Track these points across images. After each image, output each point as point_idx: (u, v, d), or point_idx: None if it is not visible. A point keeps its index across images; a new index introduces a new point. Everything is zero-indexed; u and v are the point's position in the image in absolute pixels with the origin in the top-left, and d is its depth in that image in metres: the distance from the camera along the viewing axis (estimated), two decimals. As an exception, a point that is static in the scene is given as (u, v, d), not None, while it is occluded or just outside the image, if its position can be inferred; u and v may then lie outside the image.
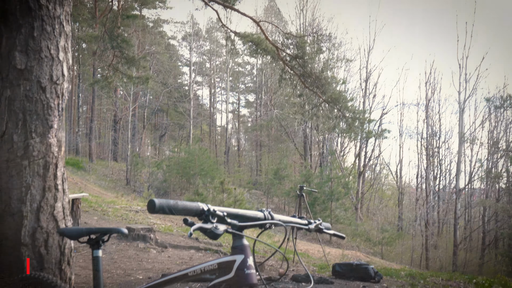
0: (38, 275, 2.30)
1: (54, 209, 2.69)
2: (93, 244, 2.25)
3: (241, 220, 1.66)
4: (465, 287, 7.52)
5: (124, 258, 8.27)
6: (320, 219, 2.02)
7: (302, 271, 8.36)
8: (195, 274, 1.75)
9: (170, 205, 1.47)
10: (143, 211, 16.05)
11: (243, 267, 1.60)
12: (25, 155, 2.60)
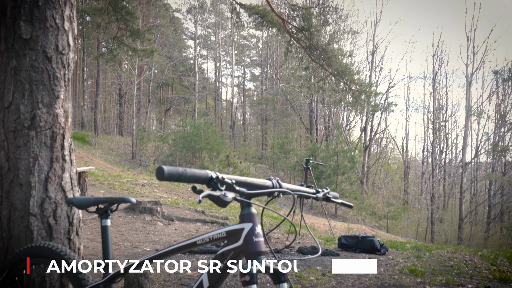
0: (47, 245, 2.32)
1: (62, 180, 2.69)
2: (101, 214, 2.26)
3: (249, 188, 1.66)
4: (470, 259, 7.56)
5: (131, 231, 8.34)
6: (328, 188, 2.01)
7: (308, 244, 8.41)
8: (203, 242, 1.76)
9: (179, 172, 1.46)
10: (149, 184, 16.14)
11: (251, 235, 1.60)
12: (32, 126, 2.60)
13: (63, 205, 2.68)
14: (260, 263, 1.56)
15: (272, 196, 1.73)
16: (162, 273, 5.48)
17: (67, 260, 2.21)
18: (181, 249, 1.81)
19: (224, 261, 1.65)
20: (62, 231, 2.68)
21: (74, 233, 2.73)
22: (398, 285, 5.46)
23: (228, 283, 5.27)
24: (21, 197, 2.59)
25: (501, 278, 6.08)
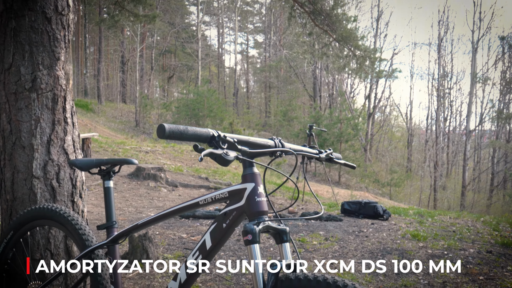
0: (51, 206, 2.32)
1: (64, 143, 2.68)
2: (104, 175, 2.25)
3: (252, 148, 1.65)
4: (473, 225, 7.60)
5: (135, 197, 8.39)
6: (331, 149, 2.00)
7: (311, 210, 8.46)
8: (206, 202, 1.76)
9: (180, 130, 1.45)
10: (153, 151, 16.18)
11: (253, 195, 1.60)
12: (33, 88, 2.58)
13: (66, 168, 2.68)
14: (263, 222, 1.56)
15: (274, 156, 1.72)
16: (167, 237, 5.53)
17: (71, 221, 2.21)
18: (184, 209, 1.81)
19: (226, 221, 1.65)
20: (66, 193, 2.68)
21: (77, 196, 2.74)
22: (400, 250, 5.50)
23: (232, 247, 5.32)
24: (24, 160, 2.59)
25: (503, 243, 6.12)
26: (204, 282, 4.15)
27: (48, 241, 2.58)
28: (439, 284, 4.41)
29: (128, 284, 3.98)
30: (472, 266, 5.01)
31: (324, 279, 1.37)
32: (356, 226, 6.87)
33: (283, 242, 1.59)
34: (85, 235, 2.16)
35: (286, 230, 1.59)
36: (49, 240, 2.58)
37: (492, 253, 5.61)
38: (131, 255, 4.46)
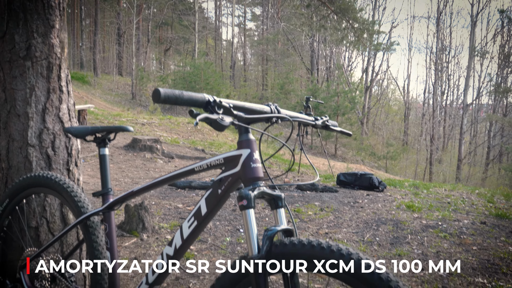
0: (46, 174, 2.32)
1: (59, 111, 2.67)
2: (99, 143, 2.25)
3: (247, 113, 1.64)
4: (468, 197, 7.65)
5: (132, 168, 8.41)
6: (327, 116, 1.99)
7: (307, 181, 8.50)
8: (201, 169, 1.75)
9: (175, 95, 1.43)
10: (149, 124, 16.15)
11: (249, 161, 1.59)
12: (28, 56, 2.55)
13: (62, 136, 2.67)
14: (258, 188, 1.56)
15: (270, 123, 1.71)
16: (162, 207, 5.56)
17: (67, 189, 2.21)
18: (180, 176, 1.81)
19: (221, 187, 1.65)
20: (61, 162, 2.68)
21: (73, 164, 2.74)
22: (395, 220, 5.54)
23: (228, 217, 5.36)
24: (19, 128, 2.58)
25: (497, 214, 6.18)
26: (199, 251, 4.19)
27: (44, 209, 2.58)
28: (433, 254, 4.46)
29: (124, 252, 4.02)
30: (466, 237, 5.06)
31: (319, 243, 1.37)
32: (352, 197, 6.91)
33: (278, 208, 1.59)
34: (80, 202, 2.16)
35: (281, 196, 1.60)
36: (45, 207, 2.58)
37: (486, 224, 5.67)
38: (127, 224, 4.49)
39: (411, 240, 4.84)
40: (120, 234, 4.41)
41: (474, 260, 4.37)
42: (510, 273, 4.11)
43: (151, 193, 6.25)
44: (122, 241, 4.29)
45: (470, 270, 4.13)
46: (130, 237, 4.37)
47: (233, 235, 4.71)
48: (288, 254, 1.44)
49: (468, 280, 3.89)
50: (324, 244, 1.37)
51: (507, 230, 5.50)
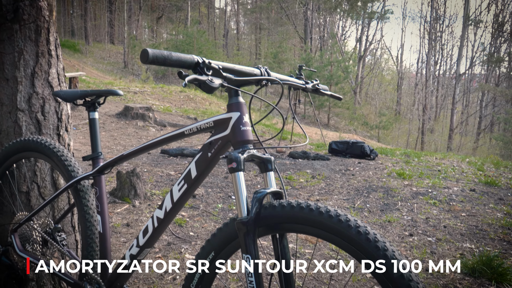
0: (36, 138, 2.31)
1: (48, 75, 2.64)
2: (89, 107, 2.23)
3: (237, 76, 1.63)
4: (458, 165, 7.71)
5: (124, 135, 8.38)
6: (318, 80, 1.98)
7: (299, 149, 8.52)
8: (191, 132, 1.75)
9: (164, 56, 1.42)
10: (142, 92, 16.05)
11: (238, 124, 1.58)
12: (16, 19, 2.50)
13: (51, 101, 2.65)
14: (247, 151, 1.56)
15: (260, 85, 1.70)
16: (155, 175, 5.57)
17: (57, 153, 2.21)
18: (170, 139, 1.81)
19: (211, 150, 1.65)
20: (51, 126, 2.66)
21: (63, 129, 2.72)
22: (385, 187, 5.59)
23: (219, 184, 5.38)
24: (8, 92, 2.55)
25: (486, 182, 6.24)
26: (191, 217, 4.22)
27: (35, 174, 2.58)
28: (422, 220, 4.52)
29: (117, 218, 4.04)
30: (455, 204, 5.12)
31: (307, 205, 1.38)
32: (343, 165, 6.95)
33: (268, 171, 1.59)
34: (70, 166, 2.16)
35: (271, 159, 1.60)
36: (35, 172, 2.58)
37: (475, 191, 5.73)
38: (119, 191, 4.50)
39: (401, 207, 4.89)
40: (112, 201, 4.42)
41: (463, 226, 4.44)
42: (498, 239, 4.17)
43: (143, 161, 6.25)
44: (114, 207, 4.31)
45: (459, 236, 4.19)
46: (122, 204, 4.39)
47: (225, 201, 4.74)
48: (277, 216, 1.45)
49: (456, 246, 3.95)
50: (313, 206, 1.38)
51: (496, 197, 5.57)
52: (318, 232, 1.37)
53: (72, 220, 2.70)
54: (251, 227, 1.45)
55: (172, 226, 3.96)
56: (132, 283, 2.93)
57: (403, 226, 4.33)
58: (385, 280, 1.23)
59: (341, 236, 1.31)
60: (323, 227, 1.35)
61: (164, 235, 3.76)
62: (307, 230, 1.40)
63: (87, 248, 2.06)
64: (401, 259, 1.23)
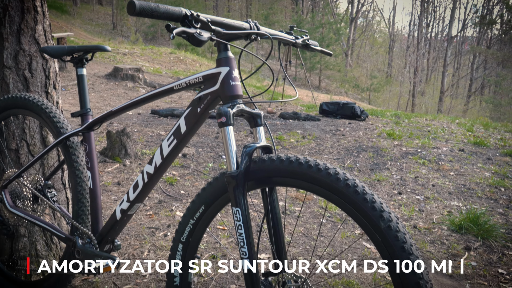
0: (24, 95, 2.29)
1: (35, 32, 2.60)
2: (76, 63, 2.20)
3: (226, 30, 1.61)
4: (448, 126, 7.76)
5: (113, 96, 8.32)
6: (307, 35, 1.96)
7: (289, 110, 8.52)
8: (180, 87, 1.73)
9: (151, 8, 1.39)
10: (131, 54, 15.87)
11: (228, 79, 1.57)
12: (-1, -27, 2.45)
13: (38, 58, 2.62)
14: (237, 106, 1.55)
15: (250, 40, 1.68)
16: (145, 134, 5.56)
17: (45, 109, 2.19)
18: (159, 95, 1.79)
19: (201, 106, 1.64)
20: (39, 84, 2.63)
21: (51, 87, 2.70)
22: (375, 147, 5.62)
23: (210, 143, 5.38)
24: (-6, 49, 2.51)
25: (475, 142, 6.29)
26: (182, 176, 4.24)
27: (23, 131, 2.56)
28: (411, 179, 4.57)
29: (107, 177, 4.05)
30: (444, 163, 5.17)
31: (297, 159, 1.39)
32: (334, 125, 6.97)
33: (257, 126, 1.59)
34: (59, 123, 2.15)
35: (261, 114, 1.59)
36: (24, 130, 2.56)
37: (464, 151, 5.78)
38: (110, 150, 4.49)
39: (390, 166, 4.93)
40: (102, 160, 4.43)
41: (451, 185, 4.49)
42: (485, 197, 4.24)
43: (134, 121, 6.23)
44: (105, 166, 4.31)
45: (447, 194, 4.25)
46: (112, 163, 4.39)
47: (215, 161, 4.76)
48: (267, 169, 1.45)
49: (444, 204, 4.00)
50: (302, 160, 1.38)
51: (484, 157, 5.63)
52: (307, 186, 1.38)
53: (63, 178, 2.70)
54: (240, 181, 1.46)
55: (163, 184, 3.98)
56: (124, 239, 2.96)
57: (392, 185, 4.38)
58: (373, 232, 1.24)
59: (330, 189, 1.32)
60: (312, 180, 1.36)
61: (155, 194, 3.78)
62: (296, 183, 1.41)
63: (78, 203, 2.07)
64: (389, 211, 1.24)
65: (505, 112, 27.91)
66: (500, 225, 3.50)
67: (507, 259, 3.02)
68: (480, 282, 2.68)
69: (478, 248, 3.16)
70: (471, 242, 3.22)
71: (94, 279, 2.49)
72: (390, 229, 1.21)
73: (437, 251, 3.07)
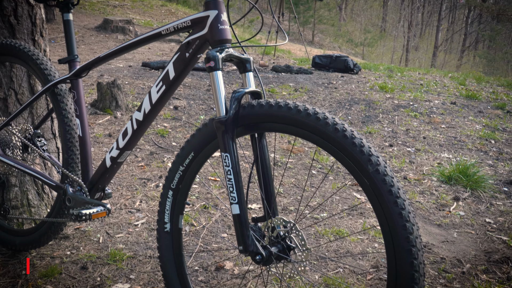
0: (10, 42, 2.24)
1: (19, -22, 2.53)
2: (62, 7, 2.14)
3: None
4: (441, 80, 7.73)
5: (104, 49, 8.21)
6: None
7: (282, 64, 8.45)
8: (168, 32, 1.70)
9: None
10: (122, 6, 15.55)
11: (216, 23, 1.54)
12: None
13: (24, 5, 2.56)
14: (226, 50, 1.53)
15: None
16: (136, 87, 5.52)
17: (32, 56, 2.15)
18: (147, 40, 1.76)
19: (189, 50, 1.61)
20: (25, 31, 2.58)
21: (38, 34, 2.64)
22: (367, 100, 5.62)
23: (202, 96, 5.35)
24: (-23, -5, 2.45)
25: (467, 95, 6.29)
26: (174, 128, 4.23)
27: (11, 80, 2.53)
28: (402, 131, 4.58)
29: (98, 129, 4.03)
30: (435, 116, 5.18)
31: (286, 104, 1.38)
32: (326, 78, 6.93)
33: (246, 71, 1.57)
34: (47, 70, 2.11)
35: (250, 59, 1.57)
36: (12, 78, 2.53)
37: (456, 104, 5.79)
38: (100, 102, 4.46)
39: (382, 119, 4.94)
40: (93, 112, 4.40)
41: (442, 137, 4.51)
42: (475, 149, 4.27)
43: (124, 74, 6.17)
44: (96, 118, 4.29)
45: (437, 146, 4.27)
46: (103, 115, 4.36)
47: (207, 113, 4.75)
48: (256, 115, 1.44)
49: (434, 156, 4.03)
50: (291, 105, 1.38)
51: (476, 110, 5.64)
52: (297, 131, 1.37)
53: (53, 128, 2.68)
54: (229, 126, 1.45)
55: (154, 136, 3.97)
56: (116, 190, 2.98)
57: (383, 137, 4.39)
58: (361, 176, 1.25)
59: (319, 134, 1.31)
60: (301, 125, 1.35)
61: (146, 145, 3.78)
62: (285, 128, 1.41)
63: (68, 151, 2.06)
64: (377, 155, 1.24)
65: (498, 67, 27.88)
66: (489, 176, 3.54)
67: (494, 209, 3.07)
68: (467, 231, 2.72)
69: (467, 198, 3.20)
70: (460, 193, 3.26)
71: (86, 228, 2.51)
72: (378, 172, 1.22)
73: (426, 201, 3.11)
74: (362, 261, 2.32)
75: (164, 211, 1.73)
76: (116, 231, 2.50)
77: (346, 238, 2.53)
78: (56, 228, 2.20)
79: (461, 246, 2.52)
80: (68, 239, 2.41)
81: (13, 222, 2.49)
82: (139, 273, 2.12)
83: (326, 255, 2.36)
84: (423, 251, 1.22)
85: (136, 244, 2.38)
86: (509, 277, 2.24)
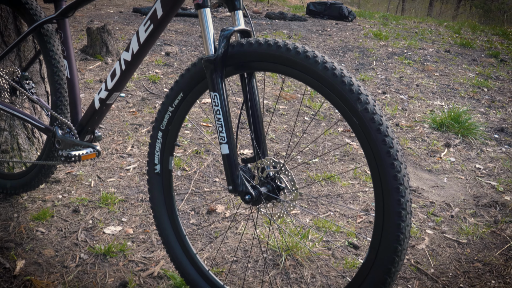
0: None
1: None
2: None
3: None
4: (436, 28, 7.65)
5: (94, -5, 8.04)
6: None
7: (276, 11, 8.31)
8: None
9: None
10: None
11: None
12: None
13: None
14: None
15: None
16: (127, 33, 5.43)
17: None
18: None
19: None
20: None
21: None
22: (361, 48, 5.56)
23: (194, 42, 5.28)
24: None
25: (462, 43, 6.24)
26: (165, 74, 4.19)
27: (-3, 22, 2.48)
28: (396, 79, 4.56)
29: (89, 75, 3.99)
30: (429, 64, 5.15)
31: (275, 42, 1.35)
32: (320, 25, 6.84)
33: (236, 9, 1.53)
34: (32, 10, 2.06)
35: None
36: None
37: (450, 52, 5.75)
38: (90, 48, 4.39)
39: (375, 66, 4.90)
40: (84, 58, 4.34)
41: (435, 85, 4.50)
42: (468, 97, 4.27)
43: (115, 19, 6.05)
44: (86, 64, 4.23)
45: (430, 94, 4.26)
46: (94, 61, 4.31)
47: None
48: (245, 53, 1.42)
49: (427, 103, 4.03)
50: (281, 43, 1.34)
51: (470, 58, 5.61)
52: (286, 70, 1.35)
53: (41, 71, 2.64)
54: (218, 65, 1.42)
55: (146, 82, 3.93)
56: (107, 135, 2.97)
57: (376, 84, 4.37)
58: (350, 115, 1.24)
59: (308, 72, 1.29)
60: (290, 64, 1.32)
61: (138, 91, 3.75)
62: (275, 68, 1.38)
63: (56, 93, 2.04)
64: (366, 94, 1.23)
65: (494, 18, 27.54)
66: (480, 123, 3.56)
67: (485, 155, 3.09)
68: (457, 176, 2.75)
69: (458, 145, 3.22)
70: (451, 139, 3.28)
71: (77, 173, 2.52)
72: (366, 111, 1.20)
73: (418, 147, 3.12)
74: (352, 204, 2.34)
75: (154, 152, 1.73)
76: (108, 176, 2.50)
77: (337, 183, 2.55)
78: (47, 171, 2.19)
79: (450, 191, 2.55)
80: (60, 183, 2.42)
81: (4, 166, 2.48)
82: (131, 216, 2.14)
83: (316, 199, 2.38)
84: (410, 189, 1.23)
85: (127, 188, 2.39)
86: (496, 220, 2.28)
